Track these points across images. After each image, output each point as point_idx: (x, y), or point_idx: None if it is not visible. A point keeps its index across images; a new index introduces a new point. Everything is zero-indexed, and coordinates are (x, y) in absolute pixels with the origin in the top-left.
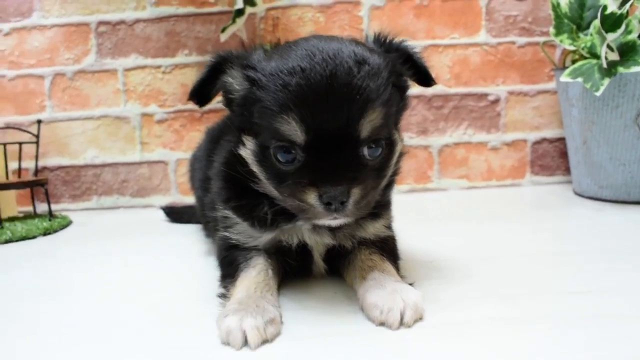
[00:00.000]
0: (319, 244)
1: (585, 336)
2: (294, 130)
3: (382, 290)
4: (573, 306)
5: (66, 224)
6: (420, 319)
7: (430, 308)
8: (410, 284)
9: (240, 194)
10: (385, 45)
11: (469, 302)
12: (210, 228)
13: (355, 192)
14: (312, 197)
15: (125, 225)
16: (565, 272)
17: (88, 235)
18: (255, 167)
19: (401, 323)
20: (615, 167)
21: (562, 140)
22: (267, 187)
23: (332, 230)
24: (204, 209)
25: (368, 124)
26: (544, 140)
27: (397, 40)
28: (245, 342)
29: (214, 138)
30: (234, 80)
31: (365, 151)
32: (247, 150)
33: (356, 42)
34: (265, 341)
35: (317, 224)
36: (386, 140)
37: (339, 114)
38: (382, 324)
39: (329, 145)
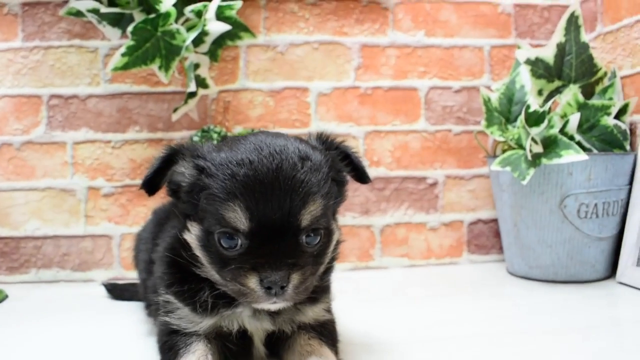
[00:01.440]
0: (259, 329)
1: None
2: (238, 217)
3: None
4: None
5: (2, 298)
6: None
7: None
8: None
9: (183, 279)
10: (327, 144)
11: None
12: (152, 310)
13: (295, 278)
14: (253, 282)
15: (65, 301)
16: (500, 353)
17: (25, 310)
18: (199, 252)
19: None
20: (543, 249)
21: (495, 221)
22: (210, 271)
23: (271, 315)
24: (147, 292)
25: (308, 215)
26: (479, 221)
27: (337, 140)
28: None
29: (160, 220)
30: (185, 170)
31: (305, 239)
32: (192, 235)
33: (300, 139)
34: None
35: (257, 310)
36: (324, 230)
37: (282, 204)
38: None
39: (271, 232)
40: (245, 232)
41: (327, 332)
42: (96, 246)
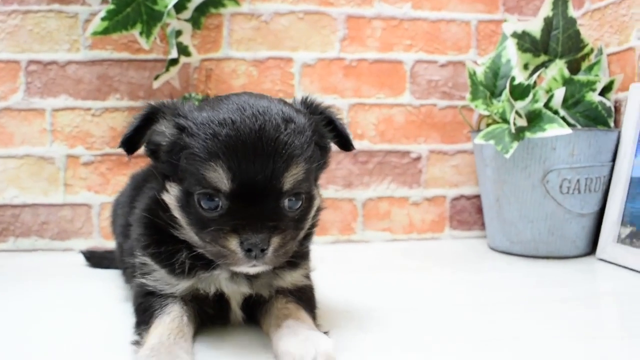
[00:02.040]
0: (236, 292)
1: None
2: (220, 178)
3: (295, 337)
4: (485, 353)
5: None
6: None
7: (343, 356)
8: (325, 333)
9: (160, 241)
10: (311, 108)
11: (382, 352)
12: (128, 274)
13: (275, 241)
14: (233, 244)
15: (43, 269)
16: (478, 322)
17: (3, 277)
18: (177, 213)
19: None
20: (524, 224)
21: (478, 197)
22: (189, 233)
23: (249, 279)
24: (123, 255)
25: (291, 178)
26: (462, 196)
27: (322, 104)
28: None
29: (138, 184)
30: (165, 129)
31: (286, 203)
32: (171, 196)
33: (284, 102)
34: None
35: (235, 273)
36: (306, 194)
37: (264, 166)
38: None
39: (252, 194)
40: (227, 193)
41: (305, 298)
42: (75, 215)
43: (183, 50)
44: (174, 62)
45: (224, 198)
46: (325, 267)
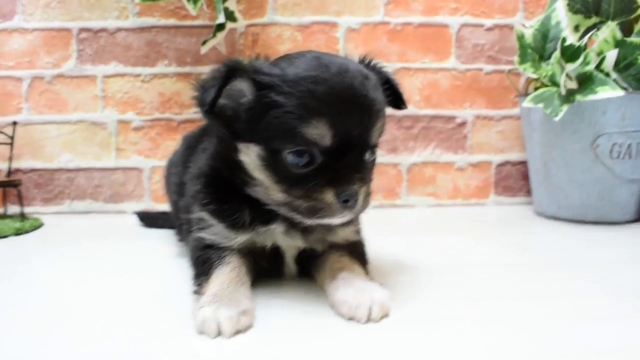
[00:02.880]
0: (290, 246)
1: (535, 334)
2: (322, 134)
3: (350, 288)
4: (524, 308)
5: (38, 225)
6: (387, 315)
7: (395, 306)
8: (379, 284)
9: (220, 199)
10: (369, 67)
11: (432, 303)
12: (184, 230)
13: (363, 191)
14: (329, 196)
15: (98, 229)
16: (521, 280)
17: (60, 237)
18: (259, 173)
19: (369, 318)
20: (573, 189)
21: (524, 163)
22: (268, 190)
23: (304, 234)
24: (179, 212)
25: (376, 132)
26: (507, 162)
27: (379, 64)
28: (220, 332)
29: (190, 145)
30: (244, 88)
31: (367, 155)
32: (249, 156)
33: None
34: (238, 331)
35: (291, 227)
36: (376, 147)
37: (360, 121)
38: (350, 318)
39: (346, 148)
40: (325, 149)
41: (357, 252)
42: (127, 178)
43: (229, 16)
44: (220, 27)
45: (320, 153)
46: (370, 228)
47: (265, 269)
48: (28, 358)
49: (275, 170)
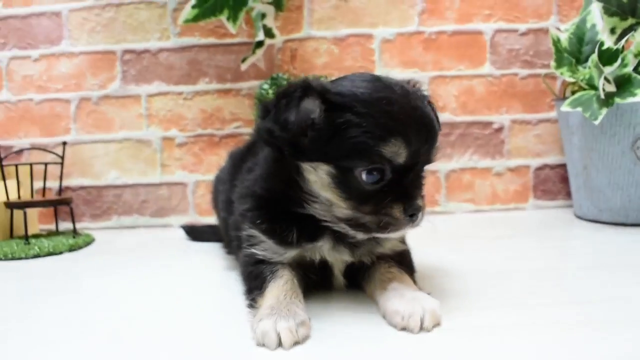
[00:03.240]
0: (338, 260)
1: (588, 340)
2: (398, 153)
3: (402, 298)
4: (571, 314)
5: (90, 241)
6: (438, 324)
7: (446, 315)
8: (428, 294)
9: (270, 218)
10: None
11: (482, 310)
12: (234, 246)
13: (423, 205)
14: (399, 212)
15: (147, 243)
16: (566, 285)
17: (112, 251)
18: (326, 190)
19: (421, 328)
20: (614, 191)
21: (562, 166)
22: (334, 208)
23: (351, 248)
24: (228, 229)
25: (436, 150)
26: (545, 166)
27: (421, 85)
28: (280, 343)
29: (236, 163)
30: (315, 107)
31: (423, 172)
32: (319, 174)
33: None
34: (297, 342)
35: (337, 242)
36: None
37: (426, 140)
38: (403, 329)
39: (414, 166)
40: (397, 166)
41: (405, 261)
42: (172, 193)
43: (267, 32)
44: (259, 44)
45: (390, 171)
46: (413, 237)
47: (314, 281)
48: None
49: (345, 187)
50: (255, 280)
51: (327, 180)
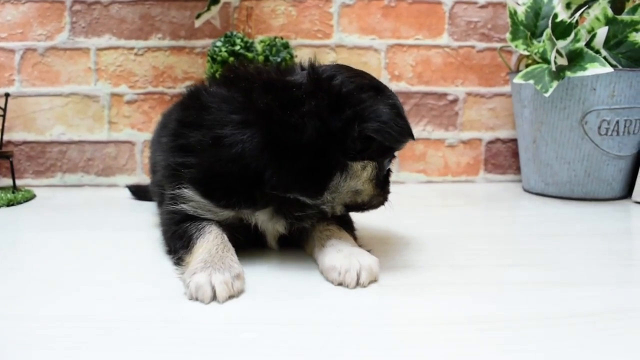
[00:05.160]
0: (273, 230)
1: (517, 298)
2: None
3: (339, 253)
4: (509, 275)
5: (30, 197)
6: (375, 280)
7: (384, 272)
8: (368, 251)
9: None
10: None
11: (419, 269)
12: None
13: None
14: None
15: (90, 201)
16: (506, 250)
17: (52, 209)
18: (368, 184)
19: (357, 283)
20: (561, 165)
21: (514, 141)
22: (363, 195)
23: (290, 223)
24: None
25: None
26: (497, 140)
27: None
28: (214, 297)
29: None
30: None
31: None
32: (368, 171)
33: None
34: (232, 296)
35: (276, 214)
36: None
37: None
38: (340, 284)
39: None
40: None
41: (344, 220)
42: (120, 152)
43: None
44: (215, 1)
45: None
46: None
47: (242, 242)
48: (20, 320)
49: (378, 177)
50: (180, 240)
51: (372, 174)
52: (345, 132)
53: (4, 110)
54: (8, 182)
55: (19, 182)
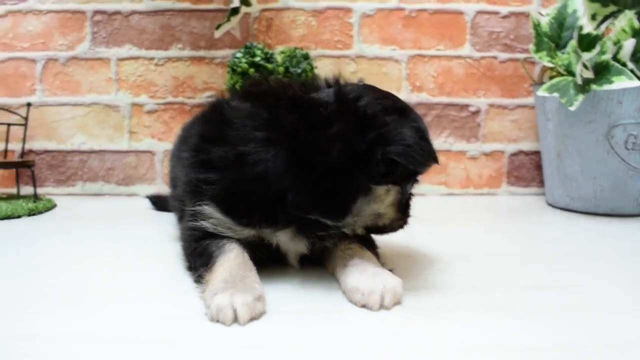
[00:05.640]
0: (294, 250)
1: (545, 324)
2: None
3: (362, 274)
4: (536, 298)
5: (51, 206)
6: (399, 302)
7: (407, 294)
8: (390, 270)
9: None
10: None
11: (443, 290)
12: (179, 218)
13: None
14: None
15: (111, 211)
16: (531, 270)
17: (73, 218)
18: (391, 206)
19: (381, 305)
20: (586, 180)
21: (537, 153)
22: (383, 219)
23: (312, 242)
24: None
25: None
26: (520, 152)
27: None
28: (235, 319)
29: (188, 134)
30: None
31: None
32: (392, 195)
33: None
34: (253, 318)
35: (298, 234)
36: None
37: None
38: (363, 306)
39: None
40: None
41: (365, 239)
42: (140, 162)
43: (244, 0)
44: (235, 11)
45: None
46: None
47: (263, 260)
48: (38, 335)
49: (400, 201)
50: (200, 258)
51: (396, 198)
52: (370, 155)
53: (26, 119)
54: (29, 190)
55: (39, 191)
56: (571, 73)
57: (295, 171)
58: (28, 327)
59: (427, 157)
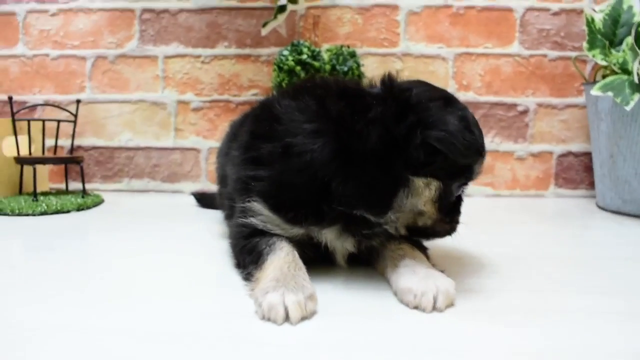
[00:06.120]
0: (341, 248)
1: (601, 330)
2: (478, 172)
3: (415, 275)
4: (590, 303)
5: (99, 202)
6: (452, 305)
7: (459, 296)
8: (442, 272)
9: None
10: None
11: (495, 293)
12: (227, 215)
13: None
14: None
15: (156, 207)
16: (584, 274)
17: (120, 214)
18: (430, 204)
19: (434, 307)
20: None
21: (587, 154)
22: (424, 218)
23: (359, 240)
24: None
25: None
26: (569, 153)
27: None
28: (287, 318)
29: (236, 132)
30: None
31: None
32: (431, 189)
33: None
34: (304, 317)
35: (344, 232)
36: None
37: None
38: (415, 307)
39: None
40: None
41: (414, 241)
42: (185, 159)
43: None
44: (281, 9)
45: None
46: None
47: (313, 257)
48: (70, 326)
49: (442, 200)
50: (249, 255)
51: (435, 194)
52: (408, 139)
53: (75, 116)
54: (78, 186)
55: (87, 187)
56: (626, 71)
57: (339, 159)
58: (62, 318)
59: (469, 147)
